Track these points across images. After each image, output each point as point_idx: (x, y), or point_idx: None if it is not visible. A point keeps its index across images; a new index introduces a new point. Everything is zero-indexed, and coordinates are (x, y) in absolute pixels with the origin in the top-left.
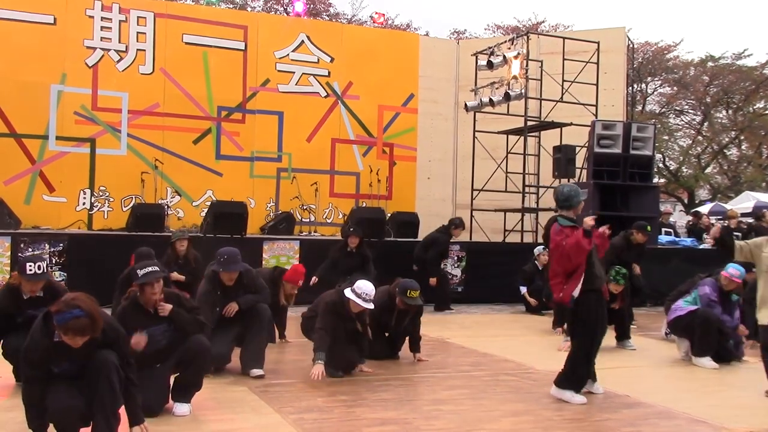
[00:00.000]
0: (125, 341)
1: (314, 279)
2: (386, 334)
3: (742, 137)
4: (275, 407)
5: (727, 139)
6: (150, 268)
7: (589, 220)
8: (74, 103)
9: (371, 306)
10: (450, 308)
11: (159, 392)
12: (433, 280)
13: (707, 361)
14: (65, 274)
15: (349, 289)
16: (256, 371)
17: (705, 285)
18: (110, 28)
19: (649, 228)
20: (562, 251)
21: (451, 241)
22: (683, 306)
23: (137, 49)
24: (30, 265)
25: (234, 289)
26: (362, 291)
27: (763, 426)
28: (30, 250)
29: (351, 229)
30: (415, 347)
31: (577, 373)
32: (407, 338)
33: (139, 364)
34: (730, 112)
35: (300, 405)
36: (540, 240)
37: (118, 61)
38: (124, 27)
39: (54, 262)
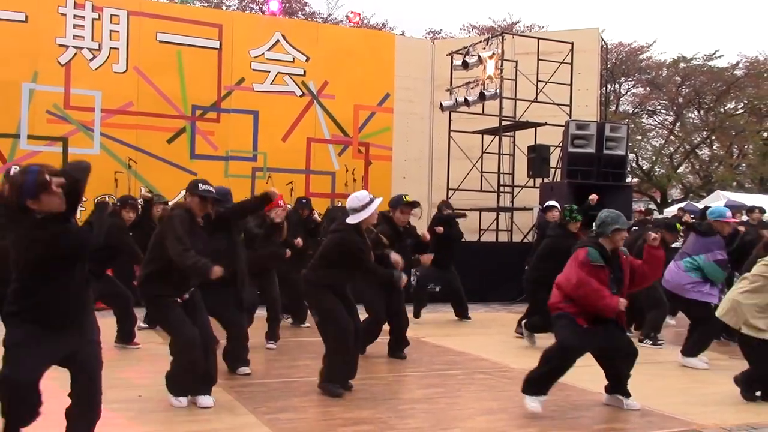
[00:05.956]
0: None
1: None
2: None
3: (714, 137)
4: (250, 407)
5: (698, 139)
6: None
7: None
8: (46, 101)
9: (379, 199)
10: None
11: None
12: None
13: (698, 362)
14: None
15: (349, 218)
16: (244, 369)
17: (715, 248)
18: (83, 26)
19: (679, 226)
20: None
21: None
22: (693, 278)
23: (110, 48)
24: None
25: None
26: (358, 199)
27: (732, 421)
28: None
29: (304, 201)
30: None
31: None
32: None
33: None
34: (701, 112)
35: (275, 405)
36: (515, 238)
37: (91, 60)
38: (98, 25)
39: None
